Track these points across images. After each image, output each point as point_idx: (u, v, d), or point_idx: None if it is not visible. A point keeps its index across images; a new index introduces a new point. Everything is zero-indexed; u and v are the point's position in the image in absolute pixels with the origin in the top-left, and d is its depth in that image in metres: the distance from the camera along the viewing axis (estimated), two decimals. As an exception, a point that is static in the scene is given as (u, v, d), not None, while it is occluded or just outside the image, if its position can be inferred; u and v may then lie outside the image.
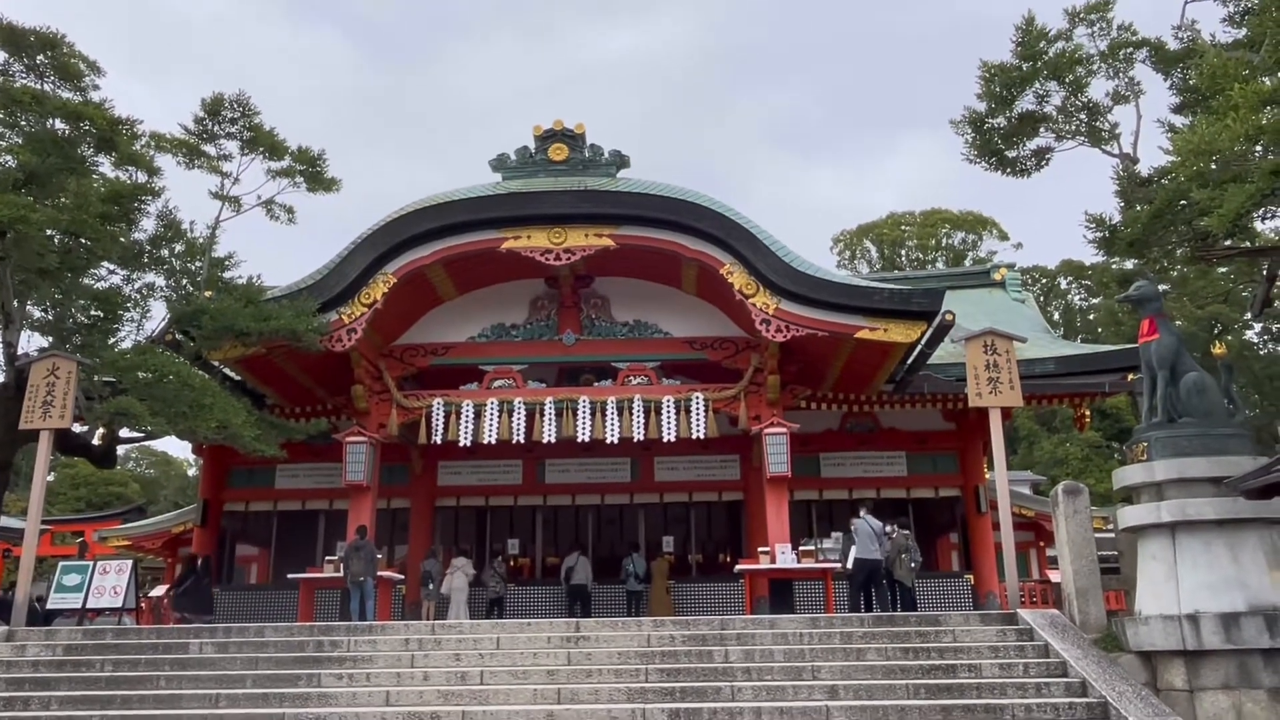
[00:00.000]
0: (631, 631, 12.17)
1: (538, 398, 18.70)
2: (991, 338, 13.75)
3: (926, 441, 22.06)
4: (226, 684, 11.14)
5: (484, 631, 12.36)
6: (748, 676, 10.93)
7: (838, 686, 10.51)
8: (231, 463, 22.35)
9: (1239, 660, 10.22)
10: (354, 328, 17.44)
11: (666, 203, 17.34)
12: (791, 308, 17.08)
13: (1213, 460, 10.92)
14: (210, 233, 17.13)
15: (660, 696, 10.47)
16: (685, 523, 22.47)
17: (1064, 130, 16.13)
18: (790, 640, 11.83)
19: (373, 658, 11.65)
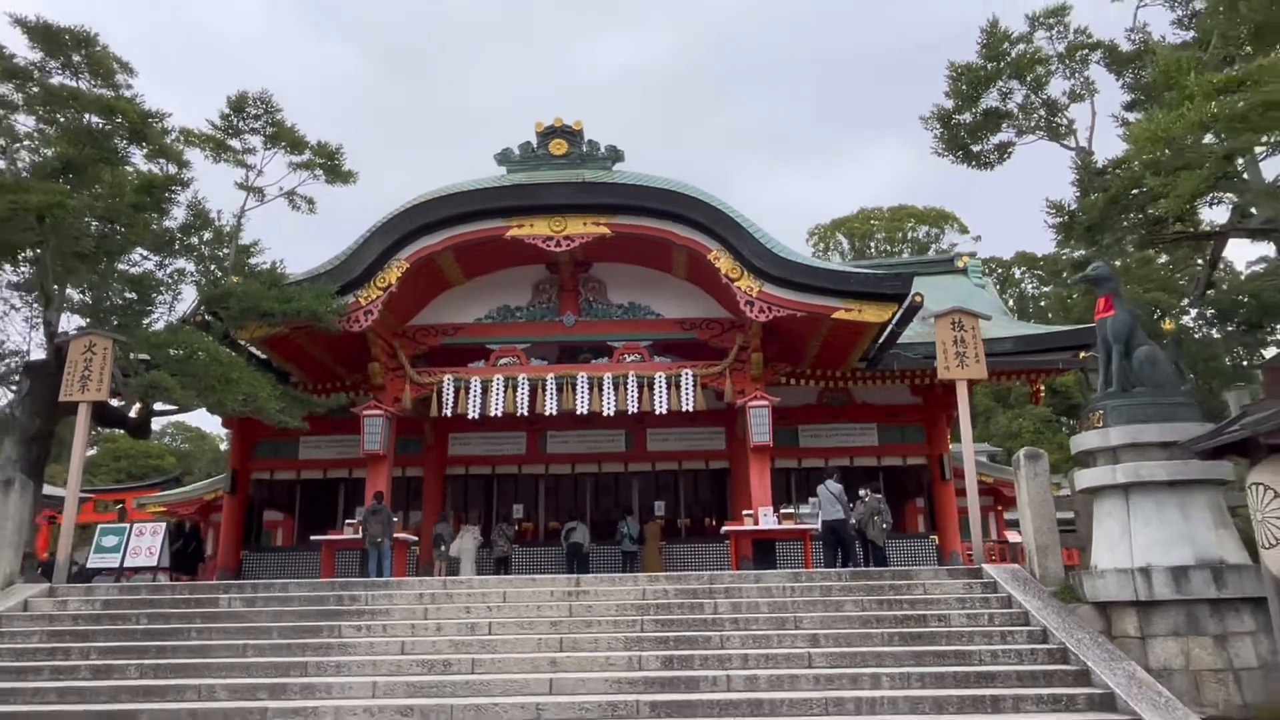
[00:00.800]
0: (628, 586, 12.00)
1: (540, 374, 18.46)
2: (959, 315, 13.57)
3: (896, 414, 21.90)
4: (253, 635, 10.94)
5: (492, 586, 12.18)
6: (735, 626, 10.77)
7: (818, 635, 10.36)
8: (258, 435, 22.07)
9: (1188, 610, 10.09)
10: (370, 309, 17.18)
11: (658, 193, 17.09)
12: (773, 290, 16.88)
13: (1164, 426, 10.78)
14: (236, 221, 16.86)
15: (655, 645, 10.30)
16: (675, 489, 22.32)
17: (1024, 126, 15.94)
18: (774, 594, 11.67)
19: (389, 611, 11.46)
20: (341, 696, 9.37)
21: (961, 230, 48.47)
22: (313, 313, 15.88)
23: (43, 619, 11.63)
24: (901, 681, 9.33)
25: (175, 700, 9.39)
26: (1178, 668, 9.94)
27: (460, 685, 9.43)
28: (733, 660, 9.86)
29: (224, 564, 21.61)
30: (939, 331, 13.54)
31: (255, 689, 9.49)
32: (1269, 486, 7.36)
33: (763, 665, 9.80)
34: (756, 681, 9.37)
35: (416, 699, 9.19)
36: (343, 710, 8.93)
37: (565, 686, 9.36)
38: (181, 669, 10.08)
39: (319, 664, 10.02)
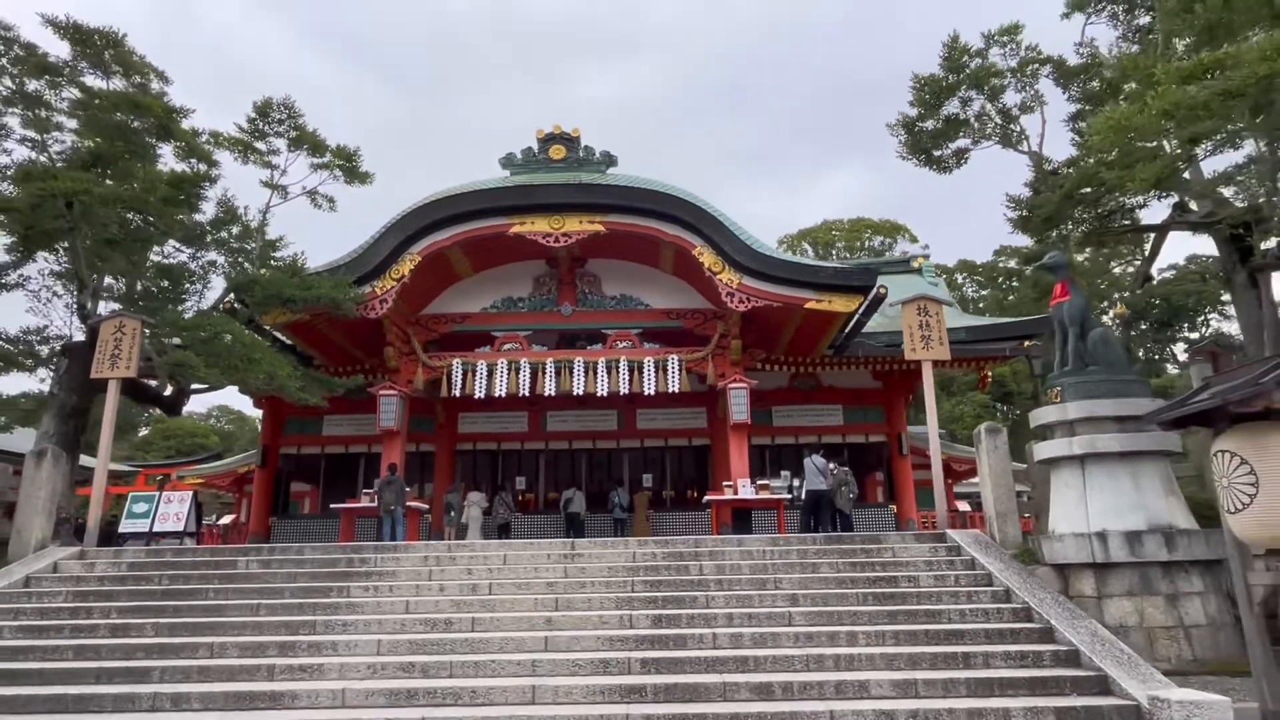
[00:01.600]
0: (619, 550, 11.13)
1: (540, 359, 17.58)
2: (924, 301, 12.74)
3: (859, 397, 21.11)
4: (267, 595, 10.02)
5: (493, 550, 11.29)
6: (720, 587, 9.93)
7: (797, 595, 9.53)
8: (286, 414, 21.14)
9: (1141, 571, 9.33)
10: (385, 298, 16.25)
11: (648, 194, 16.23)
12: (752, 283, 16.05)
13: (1117, 401, 10.00)
14: (262, 217, 15.88)
15: (645, 604, 9.45)
16: (662, 463, 21.45)
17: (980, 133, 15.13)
18: (755, 556, 10.83)
19: (396, 572, 10.56)
20: (347, 654, 8.49)
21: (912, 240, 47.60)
22: (331, 299, 14.96)
23: (70, 580, 10.68)
24: (877, 639, 8.51)
25: (188, 658, 8.49)
26: (1132, 625, 9.17)
27: (460, 643, 8.55)
28: (718, 619, 9.02)
29: (254, 530, 20.69)
30: (906, 316, 12.72)
31: (265, 647, 8.60)
32: (1236, 454, 6.56)
33: (746, 624, 8.96)
34: (741, 639, 8.52)
35: (418, 656, 8.32)
36: (347, 667, 8.04)
37: (560, 644, 8.49)
38: (196, 628, 9.16)
39: (327, 623, 9.12)
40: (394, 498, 15.92)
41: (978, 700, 7.25)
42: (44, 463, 11.48)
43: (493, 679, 7.82)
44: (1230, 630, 9.22)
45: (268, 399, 21.13)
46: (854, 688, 7.48)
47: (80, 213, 11.67)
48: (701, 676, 7.70)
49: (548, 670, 7.96)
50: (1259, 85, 8.15)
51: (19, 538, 11.28)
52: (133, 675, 8.03)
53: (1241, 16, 8.91)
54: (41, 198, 11.33)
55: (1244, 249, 11.79)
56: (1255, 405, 6.47)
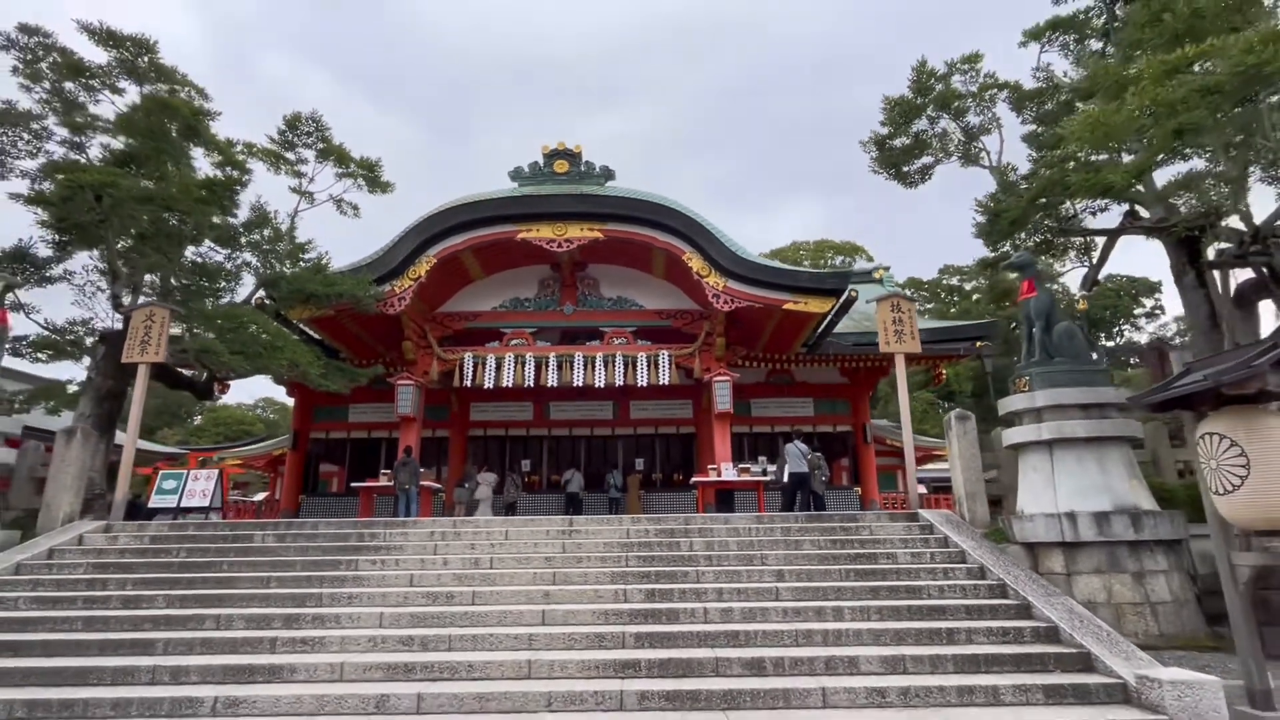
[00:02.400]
0: (614, 527, 10.11)
1: (543, 353, 16.58)
2: (897, 299, 11.79)
3: (828, 391, 20.15)
4: (279, 568, 8.97)
5: (495, 526, 10.25)
6: (709, 562, 8.92)
7: (783, 570, 8.53)
8: (315, 402, 20.05)
9: (1109, 550, 8.38)
10: (403, 296, 15.22)
11: (643, 204, 15.26)
12: (736, 286, 15.12)
13: (1082, 390, 9.07)
14: (290, 220, 14.80)
15: (638, 579, 8.44)
16: (652, 449, 20.41)
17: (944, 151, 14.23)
18: (742, 534, 9.83)
19: (403, 547, 9.51)
20: (350, 626, 7.46)
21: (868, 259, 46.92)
22: (353, 296, 13.94)
23: (92, 553, 9.58)
24: (862, 614, 7.53)
25: (194, 629, 7.44)
26: (1101, 601, 8.22)
27: (460, 616, 7.53)
28: (708, 593, 8.02)
29: (285, 506, 19.57)
30: (880, 313, 11.78)
31: (270, 619, 7.56)
32: (1225, 436, 5.66)
33: (736, 598, 7.97)
34: (731, 614, 7.54)
35: (418, 629, 7.29)
36: (348, 640, 7.00)
37: (556, 618, 7.48)
38: (206, 599, 8.10)
39: (333, 595, 8.08)
40: (408, 477, 14.88)
41: (966, 677, 6.28)
42: (73, 441, 10.39)
43: (490, 652, 6.80)
44: (1192, 607, 8.30)
45: (298, 388, 20.05)
46: (844, 664, 6.50)
47: (110, 206, 10.62)
48: (694, 651, 6.70)
49: (544, 644, 6.95)
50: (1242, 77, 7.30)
51: (48, 512, 10.18)
52: (137, 647, 6.98)
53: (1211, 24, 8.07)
54: (71, 190, 10.27)
55: (1193, 251, 10.97)
56: (1250, 388, 5.54)
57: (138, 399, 11.18)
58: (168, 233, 11.77)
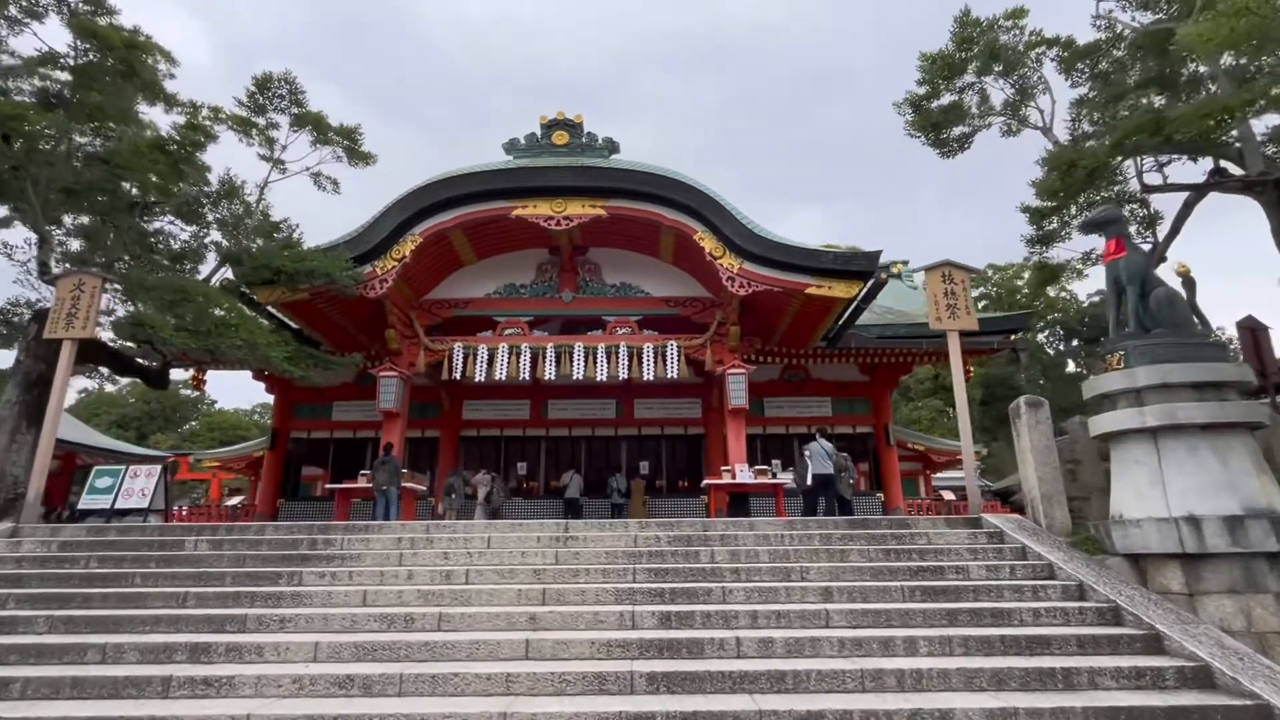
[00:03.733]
0: (618, 532, 8.22)
1: (541, 343, 14.72)
2: (949, 269, 9.93)
3: (846, 389, 18.27)
4: (203, 582, 7.07)
5: (476, 531, 8.34)
6: (736, 577, 7.01)
7: (831, 588, 6.62)
8: (296, 398, 18.26)
9: (1244, 564, 6.46)
10: (385, 278, 13.39)
11: (650, 178, 13.47)
12: (752, 268, 13.29)
13: (1193, 367, 7.19)
14: (259, 192, 12.99)
15: (649, 598, 6.54)
16: (657, 451, 18.52)
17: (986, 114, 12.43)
18: (772, 541, 7.93)
19: (362, 556, 7.61)
20: (275, 660, 5.55)
21: (874, 264, 45.05)
22: (327, 275, 12.14)
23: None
24: (942, 647, 5.63)
25: (71, 663, 5.55)
26: (1238, 629, 6.30)
27: (419, 647, 5.63)
28: (739, 618, 6.12)
29: (261, 510, 17.69)
30: (930, 285, 9.92)
31: (173, 649, 5.65)
32: None
33: (775, 624, 6.07)
34: (772, 646, 5.63)
35: (362, 665, 5.39)
36: (265, 681, 5.10)
37: (544, 650, 5.58)
38: (99, 622, 6.19)
39: (262, 618, 6.18)
40: (387, 478, 13.01)
41: (1113, 743, 4.39)
42: (-21, 429, 8.58)
43: (453, 699, 4.90)
44: (1352, 636, 6.39)
45: (278, 384, 18.23)
46: None
47: (25, 152, 8.88)
48: (729, 700, 4.79)
49: (526, 687, 5.05)
50: None
51: (-55, 512, 8.33)
52: (-17, 690, 5.09)
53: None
54: (-30, 127, 8.56)
55: (1299, 211, 9.28)
56: None
57: (59, 381, 9.31)
58: (110, 194, 9.97)
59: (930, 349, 16.38)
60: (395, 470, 13.03)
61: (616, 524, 8.42)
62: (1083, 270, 12.64)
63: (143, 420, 40.51)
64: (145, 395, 40.79)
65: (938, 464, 23.17)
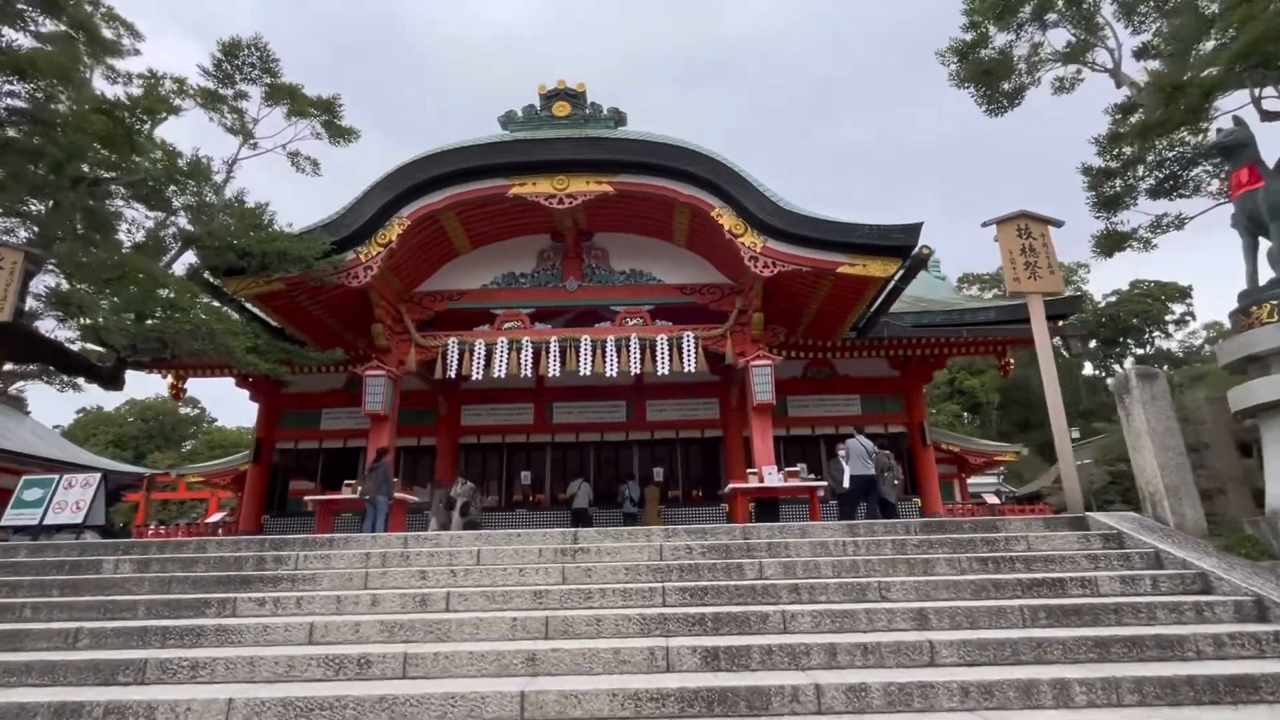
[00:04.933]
0: (639, 542, 6.53)
1: (543, 337, 13.11)
2: (1025, 221, 8.26)
3: (877, 385, 16.56)
4: (108, 614, 5.41)
5: (464, 544, 6.66)
6: (796, 597, 5.31)
7: (926, 612, 4.92)
8: (282, 406, 16.65)
9: None
10: (370, 265, 11.85)
11: (662, 149, 11.92)
12: (777, 245, 11.70)
13: (1373, 317, 5.54)
14: (228, 169, 11.49)
15: (686, 627, 4.84)
16: (673, 457, 16.80)
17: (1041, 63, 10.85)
18: (832, 550, 6.23)
19: (317, 577, 5.94)
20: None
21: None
22: (300, 258, 10.60)
23: None
24: (1106, 694, 3.91)
25: (-117, 736, 3.90)
26: None
27: (371, 705, 3.95)
28: (812, 654, 4.42)
29: (245, 528, 16.00)
30: (1003, 241, 8.27)
31: (30, 713, 4.01)
32: None
33: (863, 663, 4.36)
34: (867, 697, 3.91)
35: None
36: (139, 764, 3.45)
37: (547, 707, 3.89)
38: (-52, 674, 4.56)
39: (165, 664, 4.51)
40: (375, 486, 11.41)
41: None
42: None
43: (412, 790, 3.23)
44: None
45: (262, 390, 16.65)
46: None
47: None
48: (825, 791, 3.12)
49: (520, 768, 3.38)
50: None
51: None
52: None
53: None
54: None
55: None
56: None
57: (-31, 372, 7.76)
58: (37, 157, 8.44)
59: (971, 337, 14.71)
60: (384, 479, 11.41)
61: (637, 532, 6.73)
62: (1151, 240, 10.84)
63: (141, 439, 38.98)
64: (143, 414, 39.32)
65: (974, 466, 21.38)
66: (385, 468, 11.73)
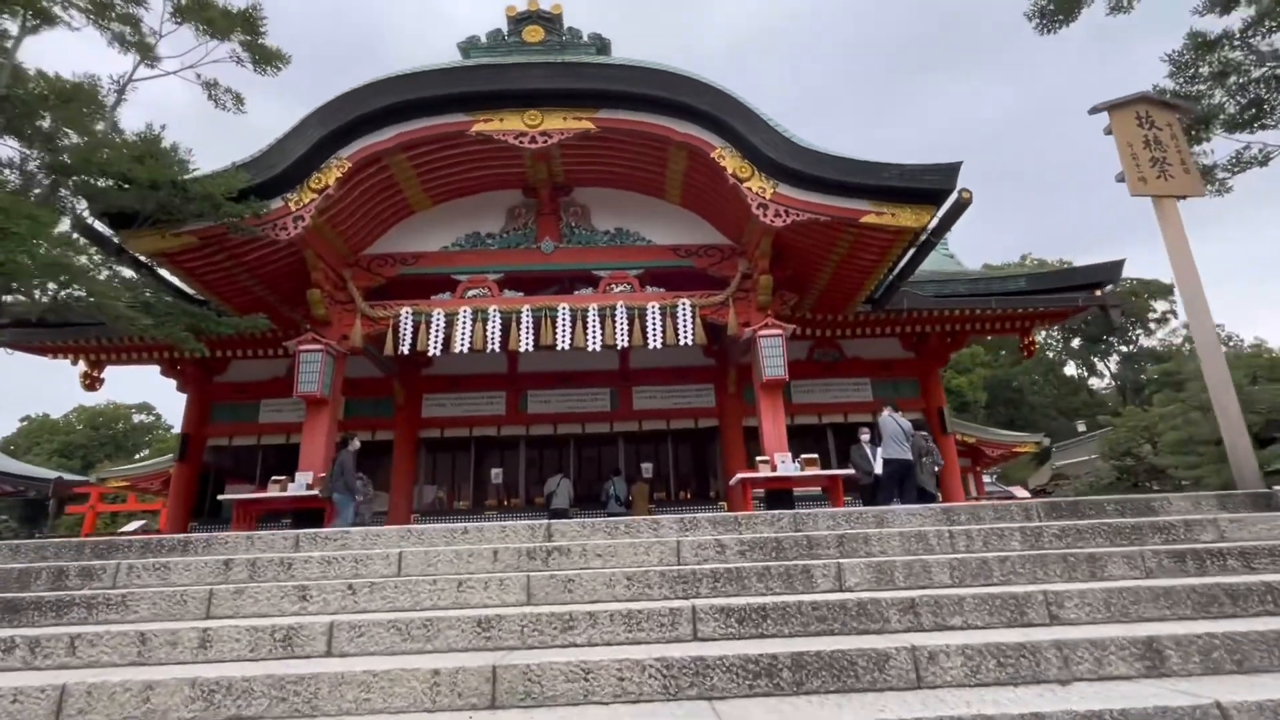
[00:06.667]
0: (645, 538, 4.30)
1: (514, 306, 10.88)
2: (1147, 107, 6.20)
3: (889, 368, 14.54)
4: None
5: (384, 544, 4.38)
6: (916, 622, 3.14)
7: (1152, 643, 2.80)
8: (213, 396, 14.16)
9: None
10: (301, 215, 9.52)
11: (653, 75, 9.80)
12: (790, 191, 9.65)
13: None
14: (118, 93, 9.11)
15: (742, 681, 2.61)
16: (664, 450, 14.60)
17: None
18: (934, 544, 4.06)
19: (133, 600, 3.61)
20: None
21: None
22: (206, 198, 8.29)
23: None
24: None
25: None
26: None
27: None
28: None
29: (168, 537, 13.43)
30: (1120, 133, 6.22)
31: None
32: None
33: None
34: None
35: None
36: None
37: None
38: None
39: None
40: (331, 483, 9.20)
41: None
42: None
43: None
44: None
45: (190, 377, 14.16)
46: None
47: None
48: None
49: None
50: None
51: None
52: None
53: None
54: None
55: None
56: None
57: None
58: None
59: (1001, 309, 12.78)
60: (343, 471, 9.16)
61: (640, 524, 4.50)
62: (1227, 183, 8.97)
63: (90, 448, 35.70)
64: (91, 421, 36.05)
65: (990, 459, 19.49)
66: (346, 459, 9.46)
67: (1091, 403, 44.76)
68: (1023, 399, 42.36)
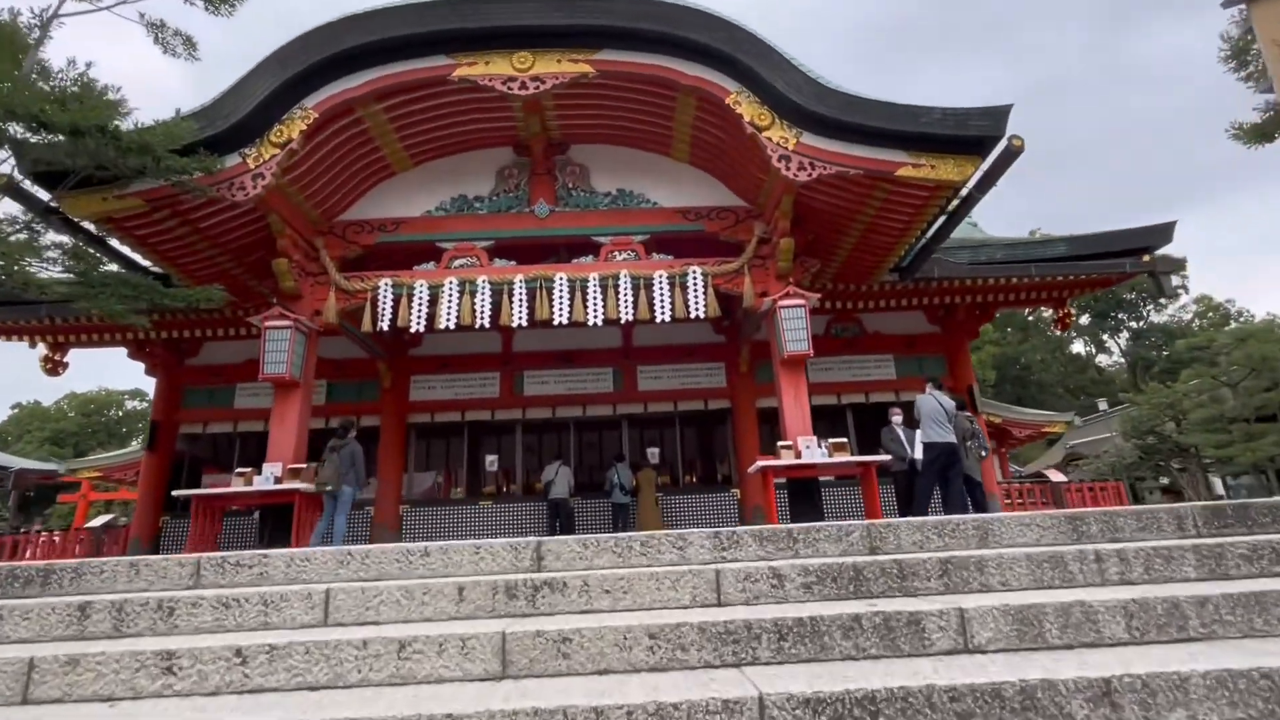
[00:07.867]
0: (666, 562, 3.11)
1: (506, 275, 9.61)
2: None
3: (914, 344, 13.29)
4: None
5: (314, 573, 3.20)
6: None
7: None
8: (183, 380, 12.97)
9: None
10: (262, 173, 8.25)
11: (660, 8, 8.44)
12: (816, 141, 8.36)
13: None
14: (42, 27, 7.80)
15: None
16: (670, 434, 13.43)
17: None
18: (1078, 575, 2.88)
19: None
20: None
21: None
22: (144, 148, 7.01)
23: None
24: None
25: None
26: None
27: None
28: None
29: (137, 533, 12.31)
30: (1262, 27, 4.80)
31: None
32: None
33: None
34: None
35: None
36: None
37: None
38: None
39: None
40: (334, 472, 8.10)
41: None
42: None
43: None
44: None
45: (159, 361, 12.97)
46: None
47: None
48: None
49: None
50: None
51: None
52: None
53: None
54: None
55: None
56: None
57: None
58: None
59: (1040, 276, 11.52)
60: (351, 460, 8.05)
61: (657, 540, 3.28)
62: None
63: (81, 436, 34.57)
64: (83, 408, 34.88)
65: (1017, 440, 18.31)
66: (356, 449, 8.35)
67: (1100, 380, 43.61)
68: (1029, 377, 41.18)
